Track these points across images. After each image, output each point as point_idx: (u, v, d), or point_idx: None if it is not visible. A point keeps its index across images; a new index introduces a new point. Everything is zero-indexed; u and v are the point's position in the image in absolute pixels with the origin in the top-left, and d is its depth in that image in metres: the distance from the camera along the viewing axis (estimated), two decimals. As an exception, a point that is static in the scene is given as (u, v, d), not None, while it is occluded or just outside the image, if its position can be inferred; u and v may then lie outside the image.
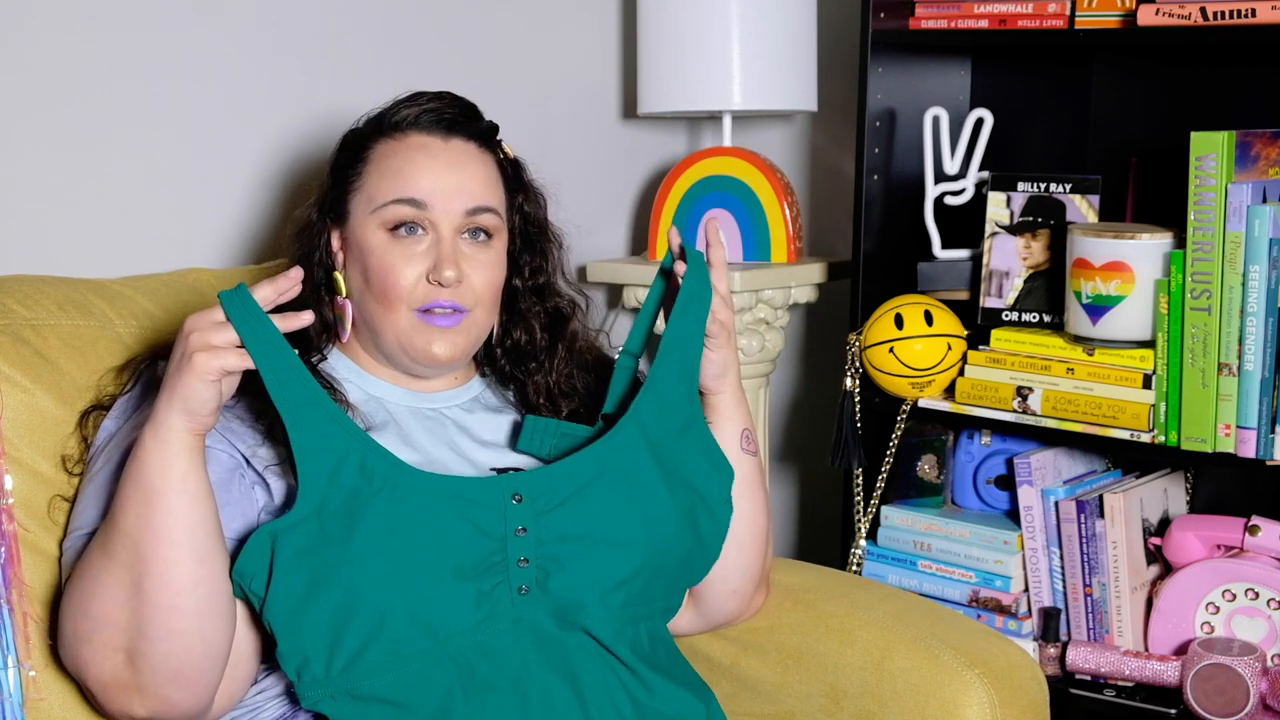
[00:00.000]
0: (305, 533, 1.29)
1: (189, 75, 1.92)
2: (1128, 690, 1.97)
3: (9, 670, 1.37)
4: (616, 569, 1.38)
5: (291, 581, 1.29)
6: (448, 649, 1.31)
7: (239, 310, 1.27)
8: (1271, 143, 1.85)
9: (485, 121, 1.53)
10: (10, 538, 1.39)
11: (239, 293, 1.27)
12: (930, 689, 1.56)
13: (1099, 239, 1.91)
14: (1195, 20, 1.83)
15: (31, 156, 1.79)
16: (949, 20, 2.08)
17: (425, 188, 1.45)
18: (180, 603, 1.26)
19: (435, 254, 1.44)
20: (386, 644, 1.29)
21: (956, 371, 2.05)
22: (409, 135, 1.48)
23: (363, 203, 1.47)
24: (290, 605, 1.29)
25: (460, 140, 1.49)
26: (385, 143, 1.48)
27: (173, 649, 1.27)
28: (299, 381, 1.30)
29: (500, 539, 1.34)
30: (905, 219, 2.19)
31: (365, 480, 1.31)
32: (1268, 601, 1.91)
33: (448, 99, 1.52)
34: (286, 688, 1.41)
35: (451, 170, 1.47)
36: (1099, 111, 2.21)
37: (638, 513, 1.40)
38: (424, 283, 1.44)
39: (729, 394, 1.53)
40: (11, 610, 1.38)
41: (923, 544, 2.14)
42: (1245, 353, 1.81)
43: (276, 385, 1.29)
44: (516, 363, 1.57)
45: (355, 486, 1.31)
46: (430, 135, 1.48)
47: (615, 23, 2.51)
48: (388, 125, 1.49)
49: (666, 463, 1.44)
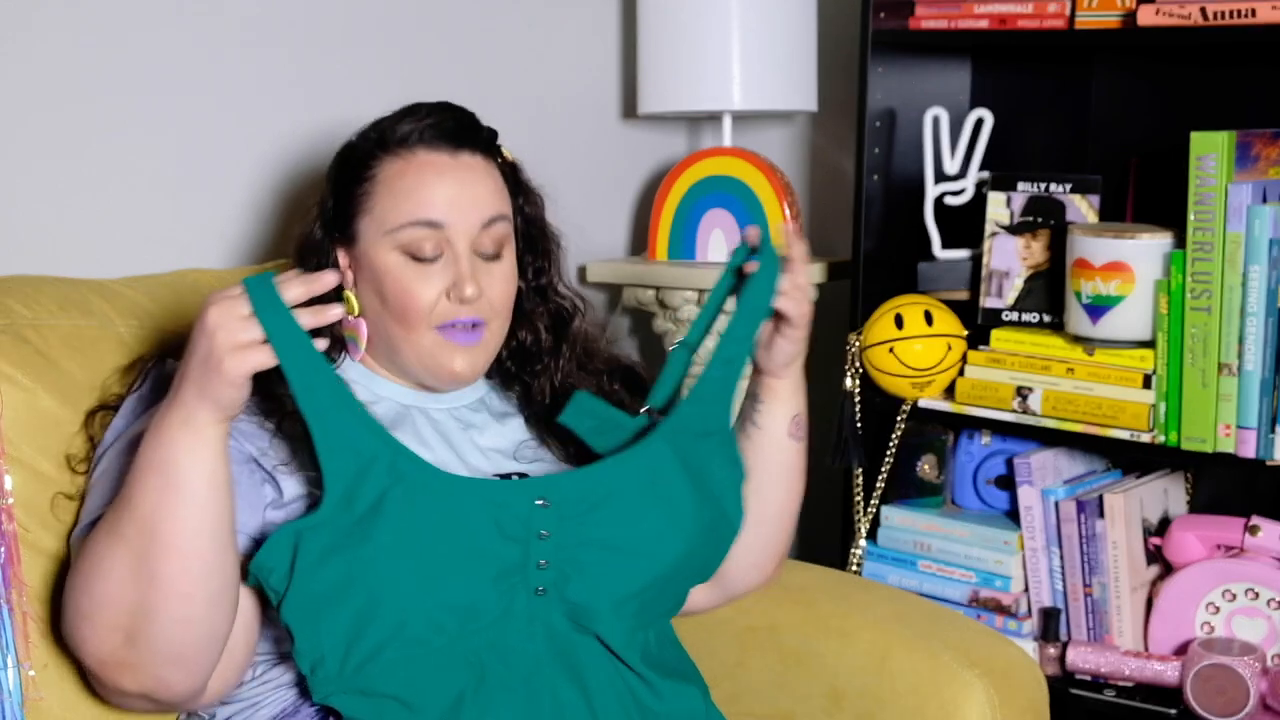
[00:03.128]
0: (330, 533, 1.28)
1: (189, 76, 1.92)
2: (1128, 690, 1.97)
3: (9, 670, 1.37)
4: (633, 579, 1.38)
5: (313, 582, 1.28)
6: (461, 647, 1.31)
7: (265, 302, 1.23)
8: (1271, 143, 1.85)
9: (486, 130, 1.52)
10: (10, 538, 1.40)
11: (265, 284, 1.23)
12: (930, 689, 1.56)
13: (1099, 239, 1.91)
14: (1195, 20, 1.83)
15: (32, 157, 1.79)
16: (949, 20, 2.08)
17: (441, 208, 1.44)
18: (193, 590, 1.26)
19: (454, 271, 1.43)
20: (403, 644, 1.29)
21: (956, 371, 2.05)
22: (416, 153, 1.46)
23: (373, 225, 1.45)
24: (310, 605, 1.28)
25: (467, 154, 1.47)
26: (392, 162, 1.46)
27: (176, 633, 1.27)
28: (325, 382, 1.28)
29: (523, 542, 1.34)
30: (905, 219, 2.19)
31: (394, 482, 1.30)
32: (1268, 601, 1.91)
33: (448, 111, 1.49)
34: (288, 681, 1.41)
35: (463, 186, 1.45)
36: (1099, 111, 2.21)
37: (662, 526, 1.40)
38: (444, 300, 1.44)
39: (790, 380, 1.52)
40: (11, 610, 1.38)
41: (923, 544, 2.14)
42: (1245, 353, 1.81)
43: (303, 387, 1.27)
44: (522, 364, 1.57)
45: (383, 489, 1.29)
46: (437, 152, 1.46)
47: (615, 23, 2.51)
48: (392, 142, 1.46)
49: (693, 469, 1.43)
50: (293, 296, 1.25)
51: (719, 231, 2.35)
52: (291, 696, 1.41)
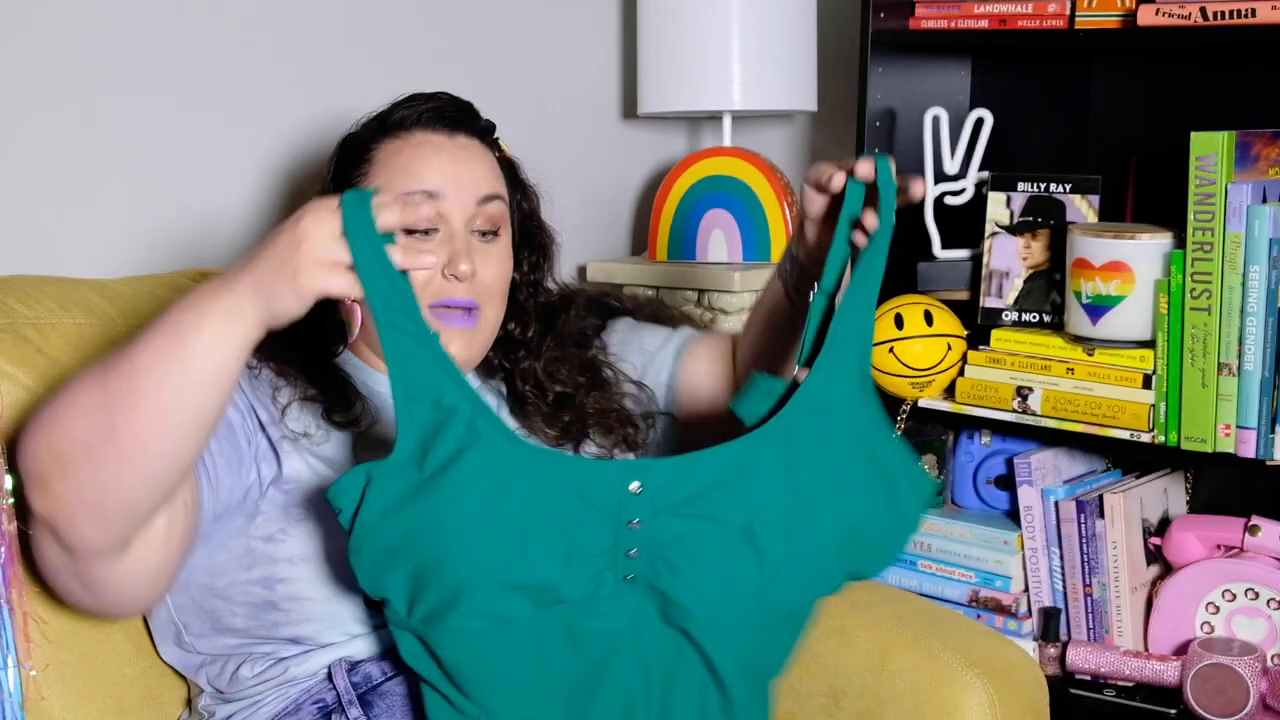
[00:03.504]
0: (401, 483, 1.19)
1: (190, 76, 1.92)
2: (1128, 690, 1.97)
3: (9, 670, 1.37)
4: (739, 582, 1.24)
5: (376, 534, 1.20)
6: (533, 626, 1.23)
7: (359, 224, 1.14)
8: (1271, 143, 1.85)
9: (484, 120, 1.54)
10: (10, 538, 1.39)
11: (363, 204, 1.15)
12: (930, 689, 1.56)
13: (1099, 239, 1.91)
14: (1195, 20, 1.83)
15: (32, 157, 1.79)
16: (949, 20, 2.08)
17: (436, 180, 1.45)
18: (139, 460, 1.20)
19: (449, 248, 1.44)
20: (469, 612, 1.20)
21: (956, 371, 2.05)
22: (413, 134, 1.48)
23: None
24: (372, 557, 1.21)
25: (464, 136, 1.50)
26: (389, 143, 1.48)
27: (105, 486, 1.21)
28: (411, 322, 1.19)
29: (611, 529, 1.22)
30: (905, 219, 2.18)
31: (471, 443, 1.19)
32: (1268, 601, 1.91)
33: (446, 98, 1.52)
34: (289, 679, 1.41)
35: (458, 162, 1.47)
36: (1099, 111, 2.21)
37: (783, 522, 1.24)
38: (438, 278, 1.44)
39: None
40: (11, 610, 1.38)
41: (923, 544, 2.14)
42: (1245, 353, 1.81)
43: (387, 323, 1.18)
44: (505, 353, 1.57)
45: (459, 448, 1.19)
46: (434, 132, 1.48)
47: (615, 23, 2.51)
48: (390, 126, 1.49)
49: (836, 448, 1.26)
50: (386, 223, 1.17)
51: (719, 232, 2.35)
52: (292, 694, 1.41)
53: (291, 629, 1.40)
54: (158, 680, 1.52)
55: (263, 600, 1.39)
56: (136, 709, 1.50)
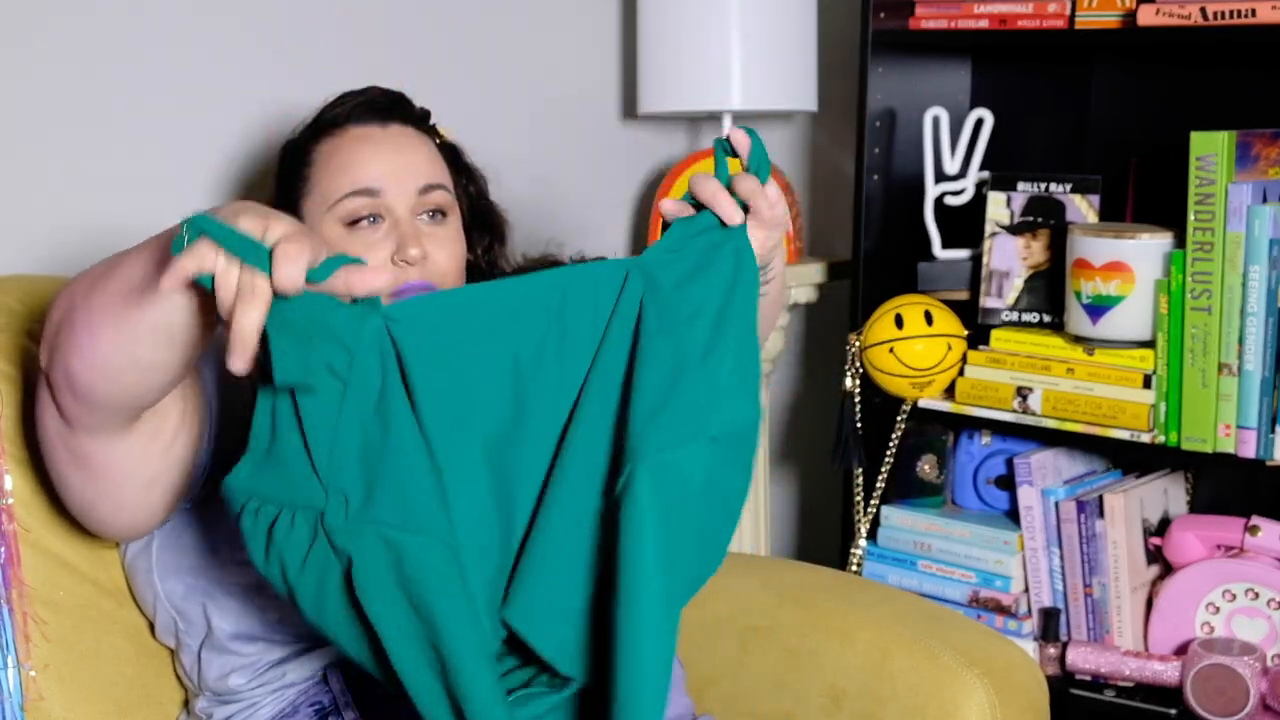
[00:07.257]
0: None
1: (190, 78, 1.92)
2: (1128, 690, 1.97)
3: (9, 670, 1.37)
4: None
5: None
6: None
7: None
8: (1271, 143, 1.85)
9: (419, 108, 1.55)
10: (10, 538, 1.40)
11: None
12: (930, 689, 1.56)
13: (1099, 239, 1.91)
14: (1195, 20, 1.83)
15: (33, 157, 1.79)
16: (949, 20, 2.08)
17: (375, 175, 1.46)
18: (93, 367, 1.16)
19: (396, 236, 1.45)
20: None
21: (956, 371, 2.05)
22: (347, 130, 1.50)
23: (316, 204, 1.48)
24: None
25: (398, 125, 1.51)
26: (326, 142, 1.50)
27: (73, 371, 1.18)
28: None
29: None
30: (905, 219, 2.19)
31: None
32: (1268, 601, 1.91)
33: (376, 91, 1.54)
34: (286, 681, 1.41)
35: (397, 153, 1.48)
36: (1099, 111, 2.21)
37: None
38: (390, 266, 1.45)
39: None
40: (11, 610, 1.38)
41: (923, 544, 2.14)
42: (1245, 353, 1.81)
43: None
44: None
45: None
46: (368, 126, 1.50)
47: (615, 23, 2.51)
48: (324, 126, 1.51)
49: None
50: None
51: (719, 231, 2.35)
52: (290, 696, 1.41)
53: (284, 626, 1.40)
54: (157, 680, 1.52)
55: (256, 582, 1.38)
56: (136, 709, 1.50)
